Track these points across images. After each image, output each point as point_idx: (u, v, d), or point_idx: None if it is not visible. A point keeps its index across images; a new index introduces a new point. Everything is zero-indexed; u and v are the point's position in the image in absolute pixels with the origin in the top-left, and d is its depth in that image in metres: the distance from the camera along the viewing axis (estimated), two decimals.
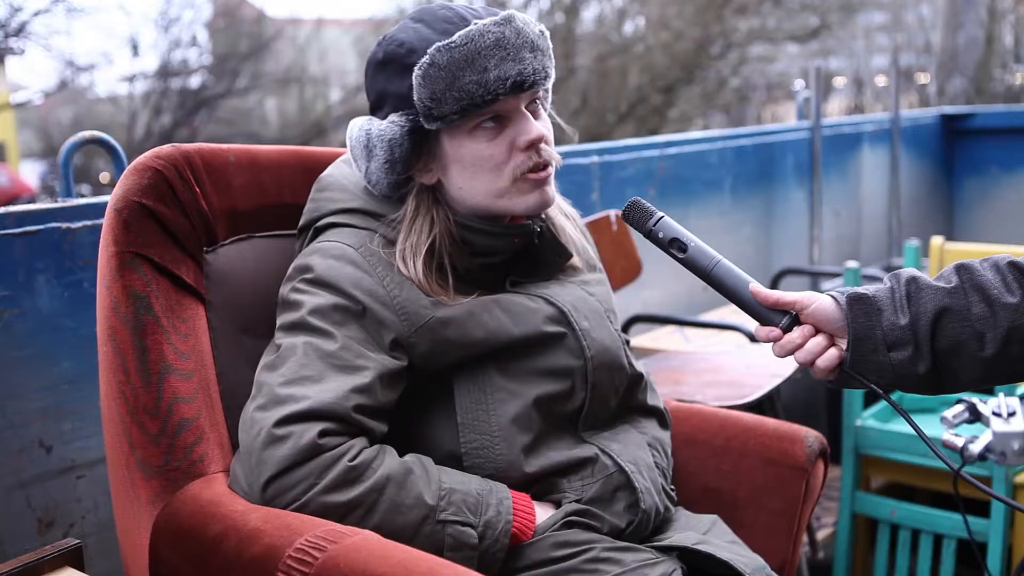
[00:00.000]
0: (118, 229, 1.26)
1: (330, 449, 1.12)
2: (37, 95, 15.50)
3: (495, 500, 1.18)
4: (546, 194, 1.27)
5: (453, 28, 1.21)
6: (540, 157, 1.25)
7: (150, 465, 1.21)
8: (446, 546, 1.13)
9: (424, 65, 1.19)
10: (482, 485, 1.20)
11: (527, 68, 1.21)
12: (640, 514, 1.27)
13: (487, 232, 1.28)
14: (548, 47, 1.26)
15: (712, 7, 11.29)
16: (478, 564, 1.15)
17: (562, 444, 1.27)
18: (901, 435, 2.26)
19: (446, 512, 1.14)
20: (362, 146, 1.27)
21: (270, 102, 16.72)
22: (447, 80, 1.19)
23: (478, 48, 1.18)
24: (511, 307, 1.27)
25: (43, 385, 1.65)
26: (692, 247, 1.17)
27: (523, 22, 1.23)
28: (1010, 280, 1.10)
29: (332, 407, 1.13)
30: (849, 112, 13.34)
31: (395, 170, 1.26)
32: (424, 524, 1.13)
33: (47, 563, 1.19)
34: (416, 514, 1.13)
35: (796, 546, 1.46)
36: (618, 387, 1.34)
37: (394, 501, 1.13)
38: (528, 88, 1.22)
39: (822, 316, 1.14)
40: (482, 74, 1.18)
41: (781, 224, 3.75)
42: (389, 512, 1.12)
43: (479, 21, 1.20)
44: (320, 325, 1.19)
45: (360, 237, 1.27)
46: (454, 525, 1.14)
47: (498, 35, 1.19)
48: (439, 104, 1.20)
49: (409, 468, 1.16)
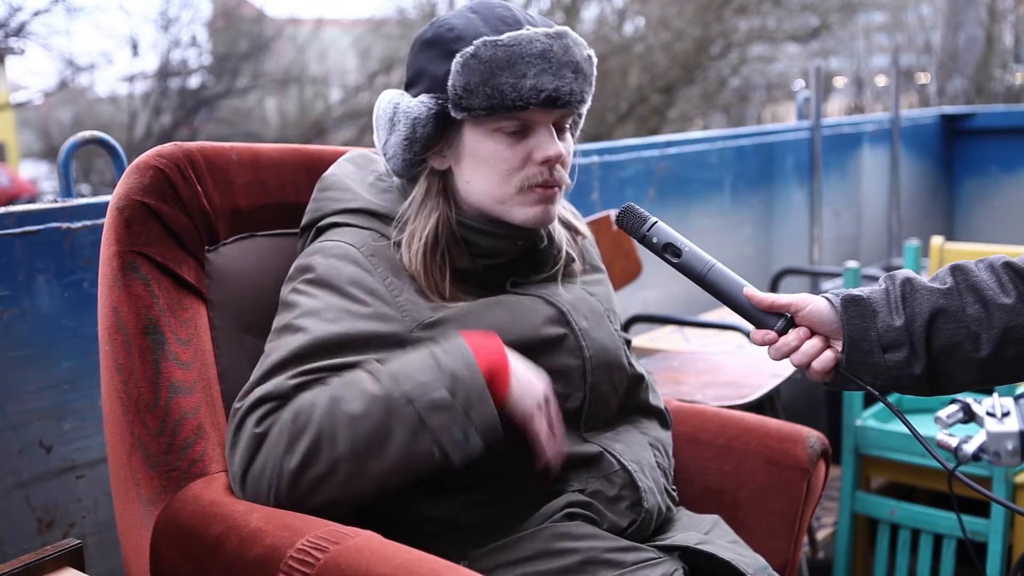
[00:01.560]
0: (120, 228, 1.26)
1: (270, 428, 1.12)
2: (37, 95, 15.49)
3: (450, 349, 1.14)
4: (548, 212, 1.27)
5: (505, 28, 1.21)
6: (552, 176, 1.25)
7: (151, 465, 1.21)
8: (423, 417, 1.10)
9: (467, 54, 1.19)
10: (425, 352, 1.15)
11: (564, 86, 1.20)
12: (643, 514, 1.27)
13: (491, 233, 1.28)
14: (592, 73, 1.26)
15: (712, 7, 11.28)
16: (464, 414, 1.11)
17: (565, 445, 1.27)
18: (901, 435, 2.26)
19: (402, 389, 1.11)
20: (387, 118, 1.27)
21: (270, 102, 16.72)
22: (484, 75, 1.19)
23: (523, 53, 1.19)
24: (511, 307, 1.27)
25: (43, 385, 1.65)
26: (686, 252, 1.17)
27: (574, 41, 1.23)
28: (1005, 281, 1.10)
29: (274, 387, 1.14)
30: (849, 112, 13.34)
31: (412, 149, 1.26)
32: (390, 413, 1.10)
33: (48, 563, 1.19)
34: (376, 410, 1.10)
35: (797, 546, 1.46)
36: (618, 387, 1.33)
37: (346, 413, 1.10)
38: (560, 106, 1.22)
39: (817, 318, 1.14)
40: (519, 79, 1.19)
41: (781, 224, 3.75)
42: (349, 427, 1.10)
43: (532, 28, 1.21)
44: (301, 324, 1.19)
45: (363, 236, 1.27)
46: (419, 398, 1.10)
47: (546, 46, 1.20)
48: (470, 96, 1.20)
49: (346, 379, 1.13)
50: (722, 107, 12.98)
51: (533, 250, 1.33)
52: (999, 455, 1.27)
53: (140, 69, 15.29)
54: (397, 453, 1.10)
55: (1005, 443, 1.26)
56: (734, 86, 12.70)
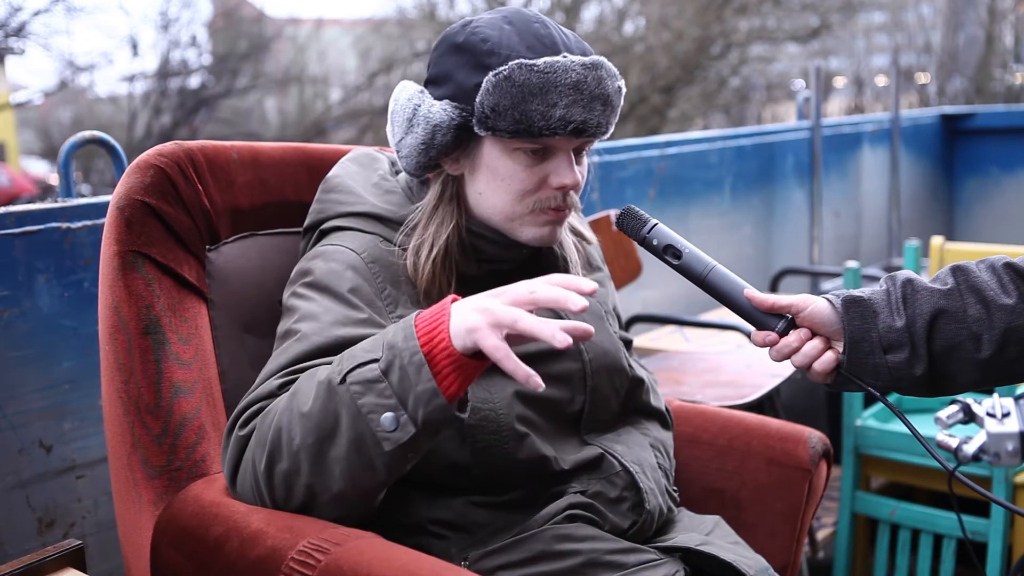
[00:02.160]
0: (120, 227, 1.26)
1: (252, 431, 1.12)
2: (37, 95, 15.50)
3: (392, 328, 1.06)
4: (555, 232, 1.26)
5: (542, 49, 1.18)
6: (564, 201, 1.24)
7: (152, 465, 1.21)
8: (354, 395, 1.02)
9: (501, 75, 1.16)
10: (380, 332, 1.10)
11: (593, 120, 1.19)
12: (644, 515, 1.26)
13: (496, 242, 1.27)
14: (619, 105, 1.24)
15: (712, 7, 11.29)
16: (399, 387, 1.01)
17: (567, 448, 1.27)
18: (901, 435, 2.26)
19: (340, 371, 1.05)
20: (406, 117, 1.24)
21: (270, 102, 16.73)
22: (515, 99, 1.16)
23: (556, 82, 1.16)
24: None
25: (43, 385, 1.65)
26: (686, 253, 1.17)
27: (608, 73, 1.21)
28: (1006, 281, 1.10)
29: (256, 395, 1.13)
30: (849, 112, 13.34)
31: (428, 154, 1.24)
32: (330, 398, 1.04)
33: (49, 564, 1.19)
34: (320, 398, 1.05)
35: (798, 546, 1.46)
36: (618, 389, 1.33)
37: (298, 406, 1.06)
38: (586, 136, 1.21)
39: (818, 319, 1.14)
40: (550, 108, 1.16)
41: (781, 224, 3.75)
42: (301, 419, 1.06)
43: (569, 55, 1.18)
44: (302, 330, 1.18)
45: (365, 241, 1.26)
46: (351, 374, 1.03)
47: (580, 77, 1.17)
48: (498, 117, 1.17)
49: (311, 372, 1.10)
50: (722, 107, 12.98)
51: (537, 258, 1.32)
52: (999, 456, 1.27)
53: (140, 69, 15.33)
54: (345, 446, 1.05)
55: (1005, 444, 1.26)
56: (734, 86, 12.70)
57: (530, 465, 1.22)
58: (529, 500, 1.23)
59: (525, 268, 1.32)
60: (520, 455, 1.21)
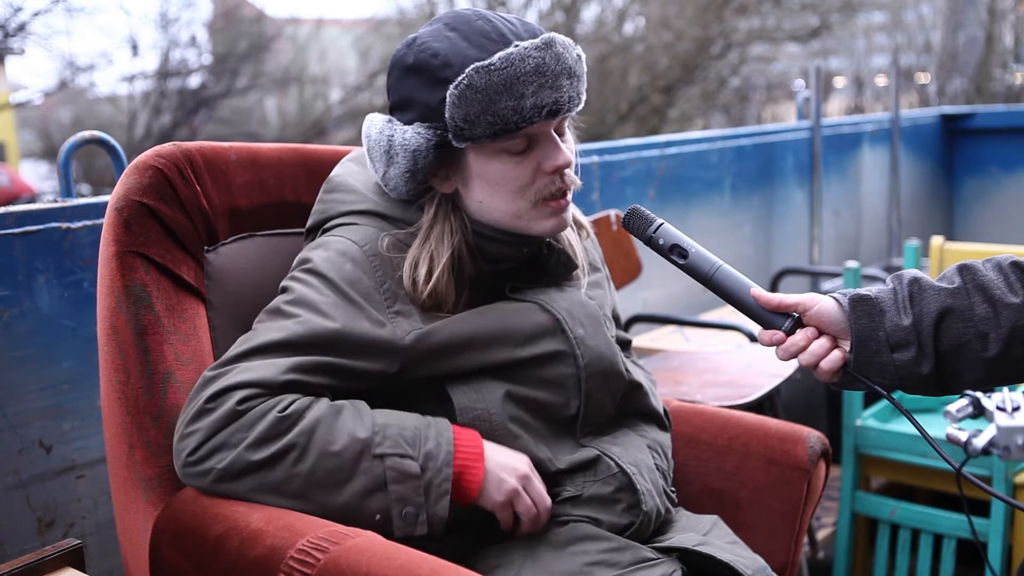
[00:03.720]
0: (119, 228, 1.26)
1: (251, 410, 1.11)
2: (37, 95, 15.50)
3: (434, 433, 1.15)
4: (563, 220, 1.27)
5: (492, 46, 1.17)
6: (563, 183, 1.24)
7: (151, 465, 1.21)
8: (388, 479, 1.11)
9: (461, 85, 1.16)
10: (421, 421, 1.17)
11: (563, 96, 1.19)
12: (641, 516, 1.26)
13: (501, 241, 1.27)
14: (584, 72, 1.23)
15: (712, 7, 11.28)
16: (424, 497, 1.13)
17: (562, 450, 1.27)
18: (901, 435, 2.26)
19: (381, 446, 1.12)
20: (383, 150, 1.24)
21: (270, 102, 16.72)
22: (483, 103, 1.16)
23: (517, 73, 1.16)
24: (505, 315, 1.25)
25: (43, 385, 1.65)
26: (692, 253, 1.17)
27: (563, 46, 1.20)
28: (1013, 280, 1.10)
29: (260, 379, 1.13)
30: (849, 112, 13.34)
31: (415, 179, 1.24)
32: (360, 460, 1.11)
33: (48, 563, 1.19)
34: (351, 452, 1.11)
35: (798, 546, 1.46)
36: (614, 393, 1.33)
37: (325, 441, 1.11)
38: (562, 115, 1.21)
39: (825, 318, 1.14)
40: (519, 100, 1.16)
41: (781, 224, 3.75)
42: (321, 455, 1.10)
43: (520, 43, 1.17)
44: (297, 312, 1.18)
45: (367, 234, 1.25)
46: (392, 457, 1.12)
47: (538, 61, 1.17)
48: (472, 126, 1.17)
49: (339, 409, 1.14)
50: (722, 107, 12.97)
51: (538, 257, 1.32)
52: (1009, 449, 1.27)
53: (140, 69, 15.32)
54: (347, 500, 1.11)
55: (1015, 437, 1.27)
56: (734, 86, 12.69)
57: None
58: None
59: (523, 269, 1.32)
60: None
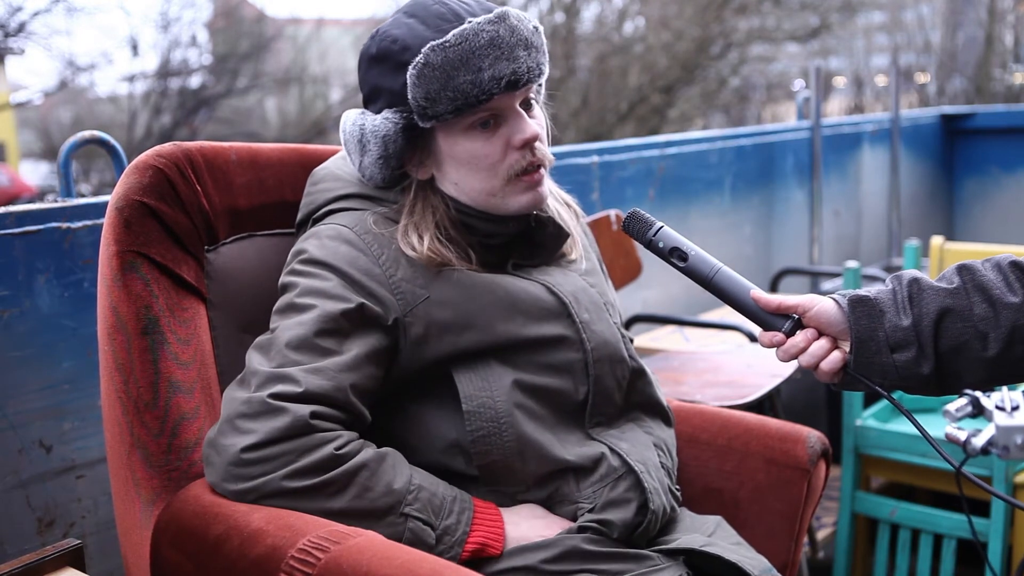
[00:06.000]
0: (119, 228, 1.26)
1: (321, 431, 1.12)
2: (37, 95, 15.49)
3: (457, 508, 1.18)
4: (539, 194, 1.28)
5: (447, 26, 1.20)
6: (534, 156, 1.25)
7: (151, 465, 1.21)
8: (403, 539, 1.13)
9: (419, 64, 1.19)
10: (449, 491, 1.20)
11: (521, 66, 1.21)
12: (649, 515, 1.26)
13: (486, 218, 1.28)
14: (542, 43, 1.25)
15: (712, 7, 11.28)
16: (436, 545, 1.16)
17: (570, 441, 1.27)
18: (901, 435, 2.26)
19: (412, 507, 1.15)
20: (356, 140, 1.27)
21: (270, 102, 16.71)
22: (441, 80, 1.19)
23: (472, 47, 1.18)
24: (511, 293, 1.26)
25: (43, 385, 1.65)
26: (692, 256, 1.18)
27: (517, 19, 1.23)
28: (1012, 280, 1.10)
29: (325, 390, 1.13)
30: (849, 112, 13.34)
31: (389, 165, 1.27)
32: (389, 513, 1.14)
33: (48, 563, 1.19)
34: (383, 502, 1.13)
35: (798, 546, 1.46)
36: (620, 380, 1.33)
37: (364, 486, 1.13)
38: (522, 86, 1.22)
39: (824, 319, 1.14)
40: (476, 74, 1.18)
41: (781, 224, 3.75)
42: (357, 496, 1.12)
43: (473, 19, 1.20)
44: (310, 303, 1.19)
45: (356, 217, 1.27)
46: (416, 520, 1.15)
47: (492, 34, 1.19)
48: (434, 104, 1.20)
49: (383, 456, 1.16)
50: (722, 107, 12.97)
51: (530, 231, 1.33)
52: (1008, 449, 1.27)
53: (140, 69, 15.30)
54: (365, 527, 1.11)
55: (1015, 437, 1.27)
56: (734, 86, 12.69)
57: (533, 456, 1.22)
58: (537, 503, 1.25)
59: (519, 243, 1.32)
60: (520, 444, 1.22)
